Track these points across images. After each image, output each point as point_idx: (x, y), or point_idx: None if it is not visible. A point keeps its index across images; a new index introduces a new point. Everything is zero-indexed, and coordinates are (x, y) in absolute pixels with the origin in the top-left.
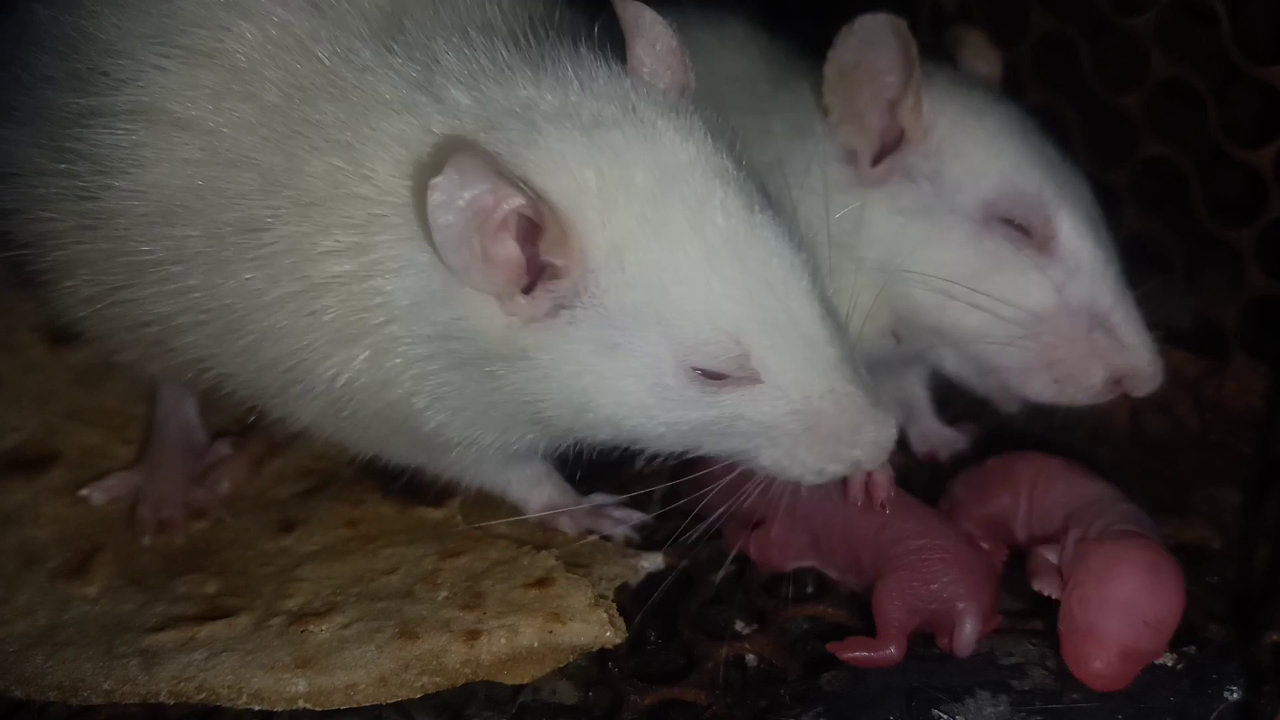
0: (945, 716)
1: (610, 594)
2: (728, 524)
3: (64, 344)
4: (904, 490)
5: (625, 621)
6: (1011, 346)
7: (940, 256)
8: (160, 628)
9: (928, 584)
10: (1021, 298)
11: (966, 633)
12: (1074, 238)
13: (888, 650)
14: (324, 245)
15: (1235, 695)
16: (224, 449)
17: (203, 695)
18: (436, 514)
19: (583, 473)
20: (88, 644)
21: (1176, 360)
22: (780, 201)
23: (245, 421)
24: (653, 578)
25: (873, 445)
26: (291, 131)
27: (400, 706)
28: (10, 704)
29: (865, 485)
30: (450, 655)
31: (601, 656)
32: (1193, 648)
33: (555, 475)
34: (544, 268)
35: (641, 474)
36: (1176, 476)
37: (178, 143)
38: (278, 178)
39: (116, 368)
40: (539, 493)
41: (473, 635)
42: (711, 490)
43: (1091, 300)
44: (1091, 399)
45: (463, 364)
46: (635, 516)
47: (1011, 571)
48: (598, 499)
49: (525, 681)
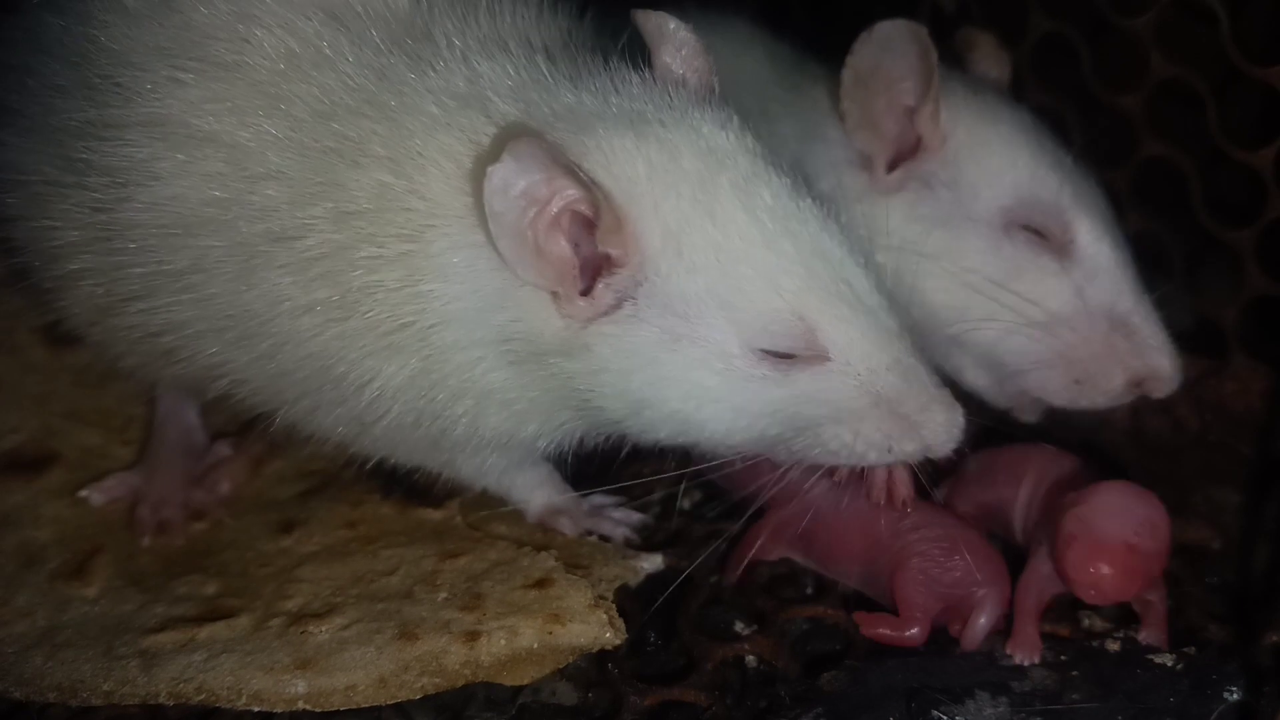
0: (945, 717)
1: (610, 595)
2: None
3: (63, 345)
4: None
5: (625, 622)
6: (1031, 351)
7: (959, 262)
8: (160, 629)
9: (948, 571)
10: (1042, 301)
11: (983, 621)
12: (1092, 241)
13: (911, 630)
14: (367, 252)
15: (1235, 696)
16: (224, 450)
17: (202, 696)
18: (436, 515)
19: (583, 473)
20: (87, 645)
21: None
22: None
23: (244, 422)
24: (652, 579)
25: (944, 427)
26: (324, 147)
27: (400, 707)
28: (9, 705)
29: (887, 484)
30: (450, 656)
31: (601, 657)
32: (1193, 648)
33: (556, 477)
34: (600, 265)
35: (641, 474)
36: (1176, 477)
37: (199, 156)
38: (310, 190)
39: (119, 371)
40: (540, 494)
41: (472, 636)
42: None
43: (1111, 303)
44: (1111, 401)
45: (518, 362)
46: (635, 517)
47: (1012, 572)
48: (597, 500)
49: (525, 682)
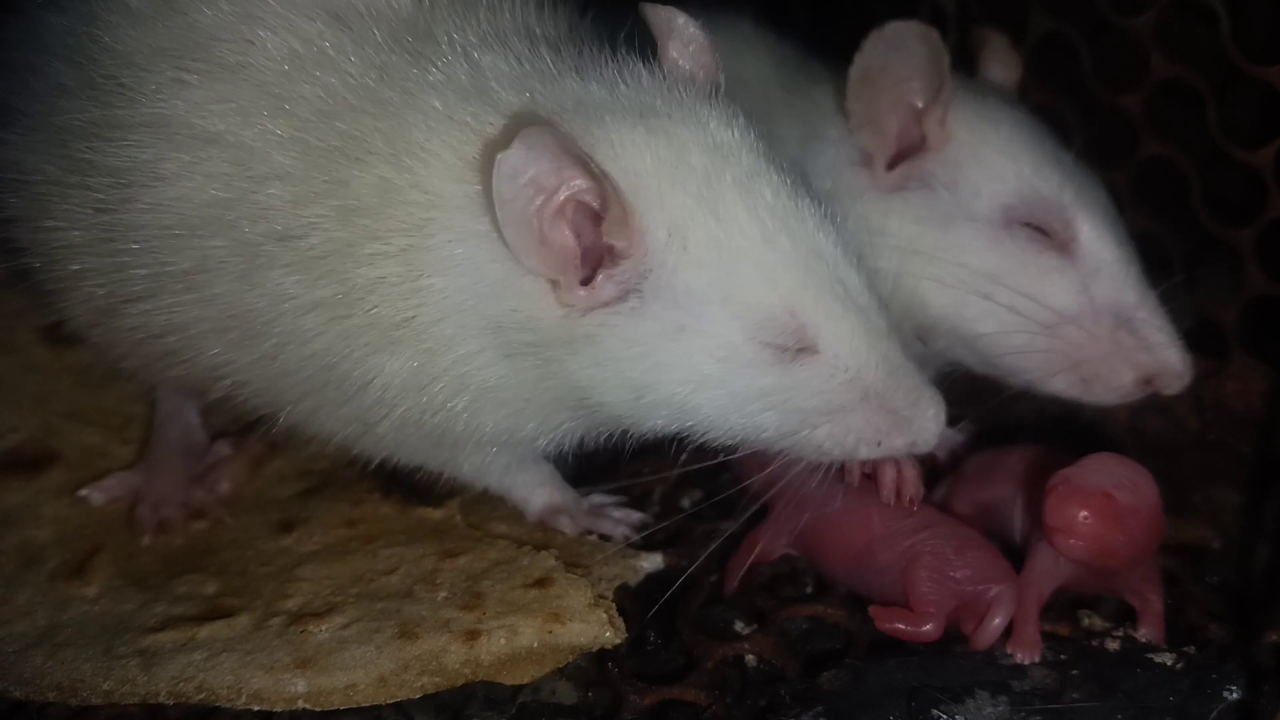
0: (945, 716)
1: (610, 594)
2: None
3: (64, 344)
4: None
5: (625, 621)
6: (1035, 350)
7: (961, 261)
8: (160, 628)
9: (961, 569)
10: (1046, 299)
11: (998, 621)
12: (1095, 239)
13: (927, 625)
14: (370, 249)
15: (1235, 695)
16: (224, 449)
17: (202, 696)
18: (436, 514)
19: (583, 473)
20: (87, 644)
21: None
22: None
23: (245, 422)
24: (652, 578)
25: (930, 422)
26: (328, 146)
27: (400, 707)
28: (9, 704)
29: (895, 483)
30: (450, 655)
31: (601, 656)
32: (1192, 647)
33: (556, 476)
34: (602, 256)
35: (641, 473)
36: (1176, 476)
37: (204, 157)
38: (314, 189)
39: (120, 372)
40: (540, 494)
41: (472, 635)
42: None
43: (1115, 300)
44: (1120, 399)
45: (515, 355)
46: (635, 516)
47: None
48: (597, 499)
49: (525, 682)
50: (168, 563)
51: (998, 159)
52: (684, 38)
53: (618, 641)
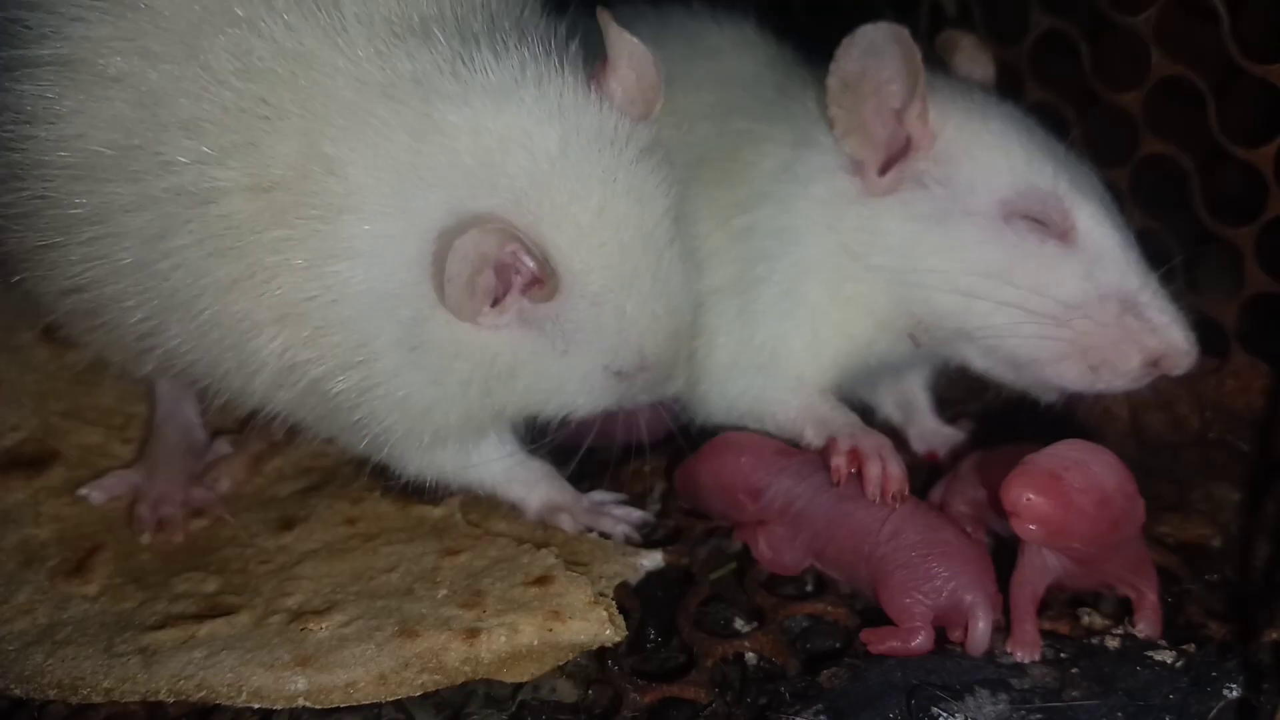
0: (945, 714)
1: (610, 592)
2: (737, 526)
3: (64, 344)
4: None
5: (625, 619)
6: (1044, 339)
7: (962, 258)
8: (160, 626)
9: (930, 579)
10: (1052, 289)
11: (981, 627)
12: (1093, 226)
13: (915, 641)
14: (277, 233)
15: (1235, 693)
16: (223, 447)
17: (202, 693)
18: (436, 512)
19: (583, 471)
20: (87, 642)
21: None
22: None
23: (244, 420)
24: (652, 576)
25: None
26: (244, 107)
27: (400, 704)
28: (10, 702)
29: (880, 479)
30: (450, 653)
31: (601, 654)
32: (1192, 645)
33: (554, 474)
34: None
35: (641, 472)
36: (1176, 474)
37: (105, 97)
38: (227, 151)
39: (109, 362)
40: (538, 491)
41: (472, 633)
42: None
43: (1119, 285)
44: (1129, 383)
45: (416, 354)
46: (635, 514)
47: (1007, 566)
48: (597, 497)
49: (525, 679)
50: (168, 561)
51: (991, 154)
52: (639, 70)
53: (618, 639)
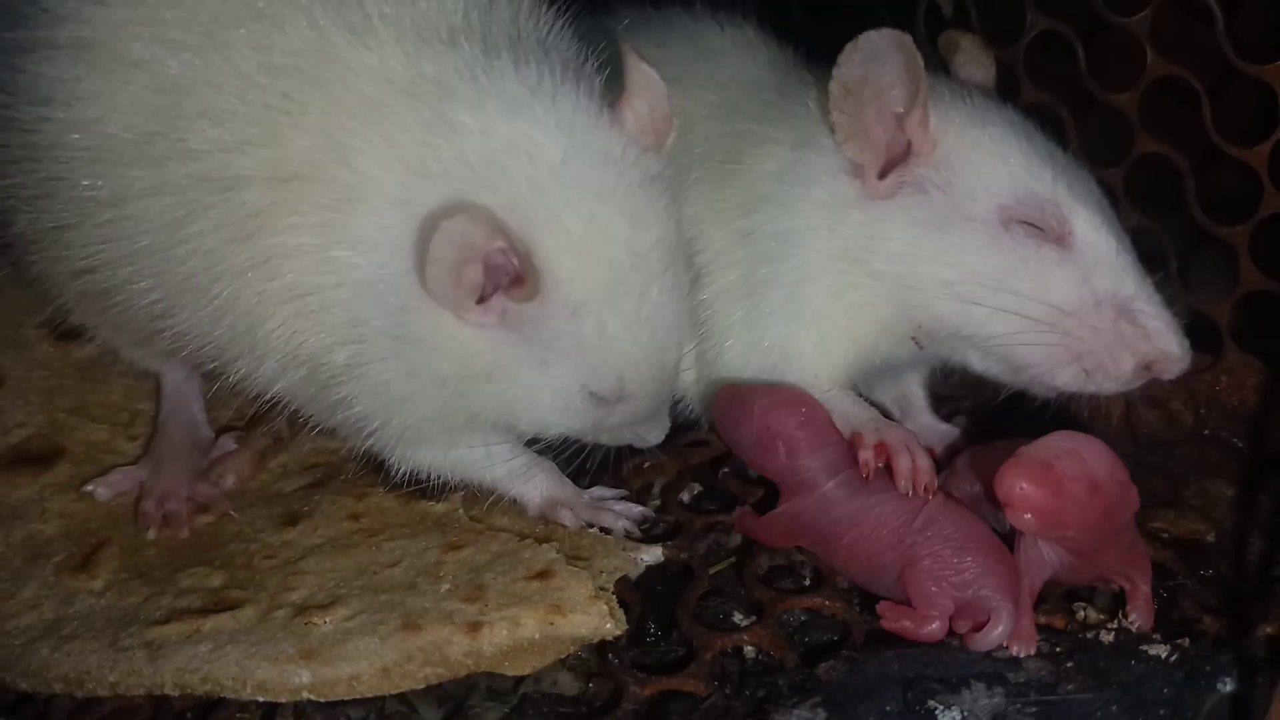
0: (941, 707)
1: (610, 586)
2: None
3: (70, 340)
4: None
5: (625, 613)
6: (1039, 346)
7: (961, 263)
8: (165, 620)
9: (959, 571)
10: (1048, 294)
11: (998, 631)
12: (1090, 231)
13: (930, 627)
14: (290, 220)
15: (1228, 687)
16: (228, 444)
17: (208, 687)
18: (439, 507)
19: (583, 467)
20: (93, 637)
21: None
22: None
23: (250, 417)
24: (652, 570)
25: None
26: (268, 102)
27: (403, 697)
28: (16, 696)
29: (911, 472)
30: (452, 647)
31: (602, 648)
32: (1186, 640)
33: (555, 470)
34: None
35: (642, 469)
36: (1171, 471)
37: (121, 81)
38: (250, 141)
39: (115, 358)
40: (539, 488)
41: (475, 627)
42: None
43: (1115, 290)
44: (1122, 387)
45: (395, 350)
46: (635, 510)
47: None
48: (598, 492)
49: (527, 673)
50: (173, 556)
51: (990, 161)
52: (652, 100)
53: (618, 633)
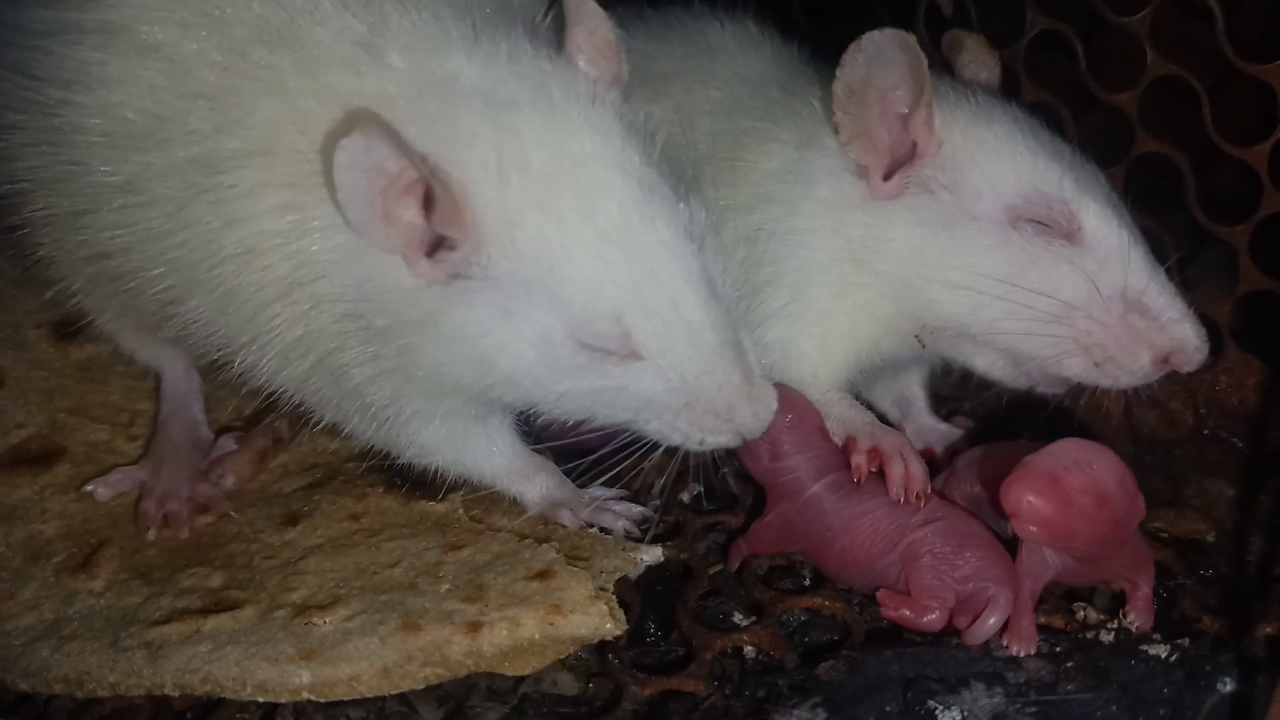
0: (941, 707)
1: (610, 586)
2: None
3: (70, 340)
4: None
5: (625, 613)
6: (1050, 343)
7: (969, 263)
8: (165, 620)
9: (959, 567)
10: (1057, 292)
11: (993, 620)
12: (1099, 225)
13: (930, 616)
14: (267, 201)
15: (1228, 687)
16: (228, 444)
17: (208, 687)
18: (439, 508)
19: (584, 467)
20: (93, 637)
21: None
22: (698, 194)
23: (249, 417)
24: (652, 570)
25: (750, 418)
26: (248, 74)
27: (403, 697)
28: (16, 696)
29: (904, 479)
30: (452, 647)
31: (602, 648)
32: (1186, 640)
33: (555, 470)
34: (442, 237)
35: (641, 468)
36: (1171, 470)
37: (139, 66)
38: (232, 117)
39: (115, 348)
40: (539, 488)
41: (475, 627)
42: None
43: (1125, 284)
44: (1139, 380)
45: (373, 327)
46: (635, 510)
47: None
48: (598, 493)
49: (526, 673)
50: (173, 556)
51: (996, 160)
52: (589, 26)
53: (618, 633)
